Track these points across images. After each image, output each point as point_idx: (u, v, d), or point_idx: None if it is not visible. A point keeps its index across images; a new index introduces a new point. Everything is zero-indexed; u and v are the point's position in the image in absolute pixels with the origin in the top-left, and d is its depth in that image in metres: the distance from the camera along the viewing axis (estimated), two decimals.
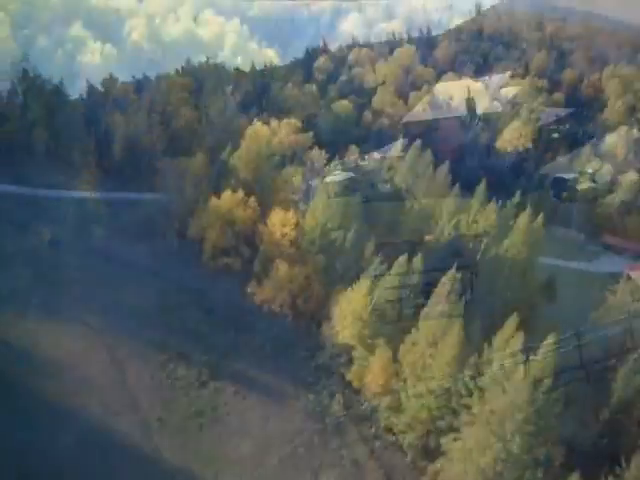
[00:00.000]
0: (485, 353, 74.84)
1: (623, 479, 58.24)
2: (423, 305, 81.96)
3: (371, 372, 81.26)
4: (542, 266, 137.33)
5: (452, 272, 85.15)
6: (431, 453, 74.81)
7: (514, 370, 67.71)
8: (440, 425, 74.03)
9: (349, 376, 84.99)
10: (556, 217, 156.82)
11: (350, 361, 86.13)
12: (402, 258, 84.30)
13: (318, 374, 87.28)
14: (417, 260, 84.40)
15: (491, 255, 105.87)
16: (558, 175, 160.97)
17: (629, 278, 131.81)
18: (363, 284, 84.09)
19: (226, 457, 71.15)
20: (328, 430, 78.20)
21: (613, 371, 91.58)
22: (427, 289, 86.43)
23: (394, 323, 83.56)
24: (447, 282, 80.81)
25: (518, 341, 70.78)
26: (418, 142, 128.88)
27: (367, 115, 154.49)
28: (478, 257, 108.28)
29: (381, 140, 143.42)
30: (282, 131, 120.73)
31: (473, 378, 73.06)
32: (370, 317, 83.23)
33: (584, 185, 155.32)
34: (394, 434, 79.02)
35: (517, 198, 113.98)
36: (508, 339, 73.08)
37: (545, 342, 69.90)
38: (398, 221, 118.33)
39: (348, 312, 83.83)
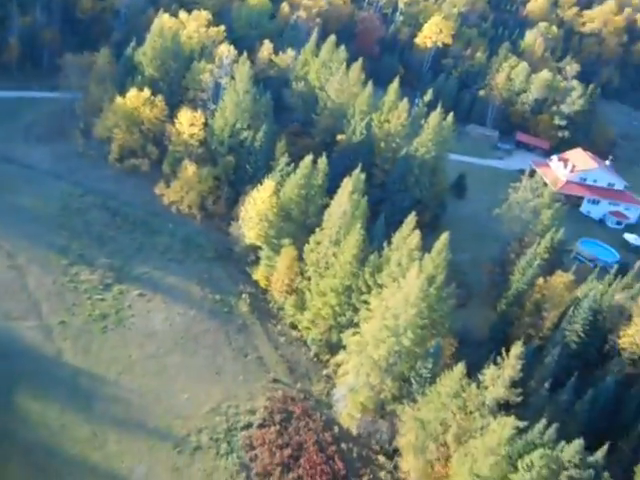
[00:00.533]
0: (385, 251, 76.02)
1: (503, 367, 61.40)
2: (328, 205, 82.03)
3: (277, 272, 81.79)
4: (455, 164, 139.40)
5: (357, 172, 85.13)
6: (333, 347, 76.96)
7: (410, 267, 69.14)
8: (341, 321, 75.83)
9: (256, 276, 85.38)
10: (472, 115, 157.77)
11: (257, 261, 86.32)
12: (307, 158, 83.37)
13: (225, 275, 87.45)
14: (322, 161, 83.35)
15: (402, 154, 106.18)
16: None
17: (532, 175, 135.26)
18: (268, 185, 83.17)
19: (129, 358, 71.44)
20: (234, 329, 79.12)
21: (513, 265, 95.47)
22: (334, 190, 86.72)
23: (299, 223, 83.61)
24: (351, 182, 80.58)
25: (415, 239, 71.88)
26: (333, 37, 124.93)
27: (284, 7, 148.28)
28: (389, 156, 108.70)
29: (297, 35, 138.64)
30: (191, 24, 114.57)
31: (372, 275, 74.46)
32: (275, 218, 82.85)
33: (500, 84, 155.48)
34: (299, 331, 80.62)
35: (429, 96, 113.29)
36: (406, 237, 74.12)
37: (440, 240, 71.41)
38: (311, 121, 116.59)
39: (254, 213, 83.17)
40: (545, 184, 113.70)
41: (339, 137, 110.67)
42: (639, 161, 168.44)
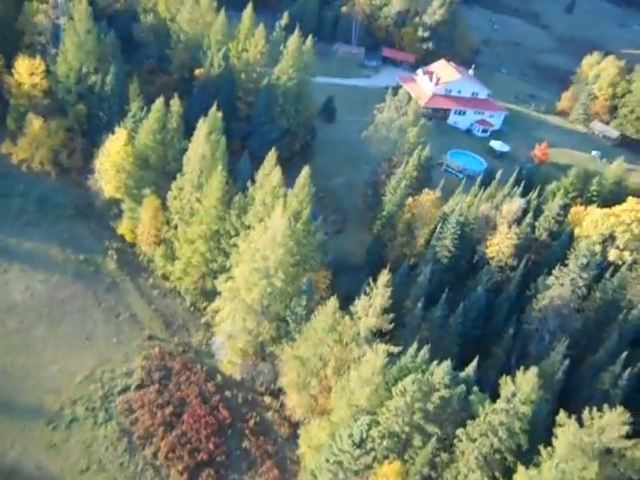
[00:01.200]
0: (250, 191, 73.30)
1: (373, 296, 61.26)
2: (187, 149, 77.69)
3: (142, 223, 77.65)
4: (323, 86, 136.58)
5: (213, 110, 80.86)
6: (209, 294, 74.62)
7: (274, 206, 66.98)
8: (213, 267, 73.35)
9: (121, 230, 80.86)
10: (337, 34, 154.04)
11: (120, 215, 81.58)
12: (159, 101, 78.12)
13: (88, 232, 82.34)
14: (175, 102, 78.30)
15: (264, 84, 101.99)
16: None
17: (395, 92, 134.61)
18: (120, 134, 77.62)
19: None
20: (102, 289, 75.05)
21: (384, 186, 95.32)
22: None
23: (159, 170, 79.10)
24: (206, 123, 76.39)
25: (276, 176, 69.44)
26: None
27: None
28: (251, 87, 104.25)
29: None
30: None
31: (239, 217, 71.86)
32: (133, 167, 77.89)
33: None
34: (172, 282, 77.54)
35: (285, 19, 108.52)
36: (268, 174, 71.51)
37: (301, 175, 69.31)
38: (166, 56, 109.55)
39: (109, 165, 77.76)
40: (411, 100, 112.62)
41: (197, 71, 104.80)
42: (500, 67, 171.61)
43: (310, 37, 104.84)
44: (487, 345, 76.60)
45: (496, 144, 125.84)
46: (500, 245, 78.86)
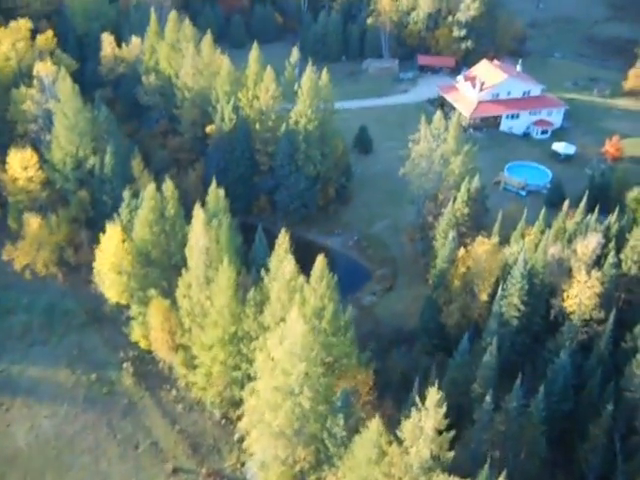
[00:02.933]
0: (265, 281, 60.94)
1: (423, 417, 47.38)
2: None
3: (153, 328, 66.62)
4: (355, 113, 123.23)
5: (212, 189, 69.21)
6: (240, 404, 62.59)
7: (291, 303, 54.50)
8: (237, 376, 61.37)
9: (134, 337, 70.11)
10: (366, 50, 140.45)
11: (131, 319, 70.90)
12: (150, 187, 66.85)
13: (101, 342, 72.13)
14: (169, 186, 66.86)
15: (282, 132, 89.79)
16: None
17: (442, 106, 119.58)
18: (113, 231, 66.82)
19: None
20: (118, 414, 64.44)
21: (433, 228, 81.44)
22: None
23: (164, 265, 67.92)
24: (209, 203, 64.82)
25: (289, 267, 56.76)
26: (174, 13, 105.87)
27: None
28: (269, 136, 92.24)
29: (144, 17, 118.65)
30: (6, 40, 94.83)
31: (256, 317, 59.62)
32: (134, 266, 67.04)
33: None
34: (196, 392, 66.09)
35: (295, 55, 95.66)
36: (282, 260, 58.94)
37: (316, 265, 56.30)
38: (173, 116, 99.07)
39: (107, 267, 67.19)
40: (449, 122, 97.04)
41: (209, 128, 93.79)
42: (552, 50, 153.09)
43: (325, 71, 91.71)
44: (581, 422, 61.48)
45: (560, 146, 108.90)
46: (580, 296, 63.39)
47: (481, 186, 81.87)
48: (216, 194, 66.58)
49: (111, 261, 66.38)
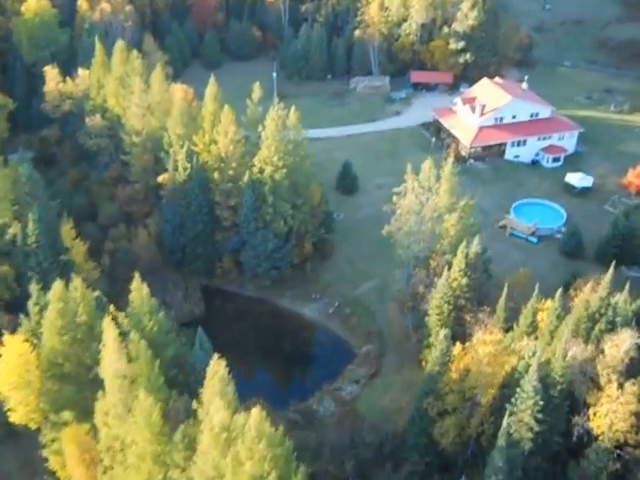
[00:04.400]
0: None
1: None
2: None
3: (69, 460, 52.11)
4: (339, 143, 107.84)
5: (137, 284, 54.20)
6: None
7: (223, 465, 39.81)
8: None
9: (52, 465, 55.52)
10: (353, 66, 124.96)
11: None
12: (57, 285, 51.87)
13: (16, 465, 57.71)
14: (77, 284, 51.93)
15: (246, 181, 74.84)
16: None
17: (438, 131, 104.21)
18: (12, 343, 52.17)
19: None
20: None
21: (424, 300, 66.29)
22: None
23: (81, 380, 53.26)
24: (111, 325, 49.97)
25: (220, 415, 41.78)
26: (121, 43, 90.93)
27: (82, 5, 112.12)
28: (229, 187, 77.28)
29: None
30: None
31: (188, 459, 44.96)
32: (43, 381, 52.50)
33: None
34: None
35: (257, 91, 79.97)
36: (215, 396, 44.00)
37: (254, 420, 41.23)
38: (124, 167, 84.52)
39: (7, 385, 52.65)
40: (444, 143, 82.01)
41: (161, 177, 79.13)
42: (562, 58, 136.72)
43: (294, 109, 76.46)
44: None
45: (575, 178, 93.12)
46: (611, 415, 48.24)
47: (482, 248, 66.59)
48: (140, 292, 51.56)
49: (11, 380, 51.71)
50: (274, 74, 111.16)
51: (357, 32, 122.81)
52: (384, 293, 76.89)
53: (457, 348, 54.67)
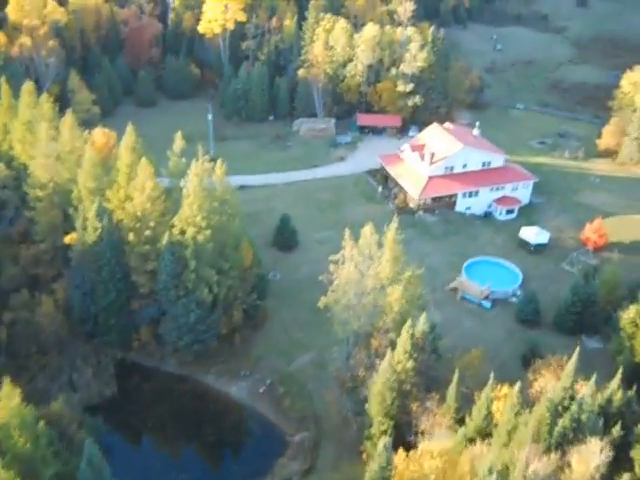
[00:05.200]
0: None
1: None
2: None
3: None
4: (278, 191, 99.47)
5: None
6: None
7: None
8: None
9: None
10: (297, 107, 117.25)
11: None
12: None
13: None
14: None
15: (164, 244, 65.45)
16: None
17: (386, 179, 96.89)
18: None
19: None
20: None
21: (365, 384, 57.45)
22: None
23: None
24: None
25: None
26: (29, 84, 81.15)
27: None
28: (147, 250, 67.73)
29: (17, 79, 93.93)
30: None
31: None
32: None
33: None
34: None
35: (180, 141, 70.42)
36: None
37: None
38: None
39: None
40: (391, 192, 74.30)
41: (68, 237, 69.25)
42: (514, 100, 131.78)
43: (220, 162, 67.62)
44: None
45: (530, 233, 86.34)
46: None
47: (432, 325, 58.45)
48: (11, 400, 41.41)
49: None
50: (209, 116, 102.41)
51: (301, 72, 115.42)
52: (322, 368, 67.76)
53: (400, 457, 45.98)
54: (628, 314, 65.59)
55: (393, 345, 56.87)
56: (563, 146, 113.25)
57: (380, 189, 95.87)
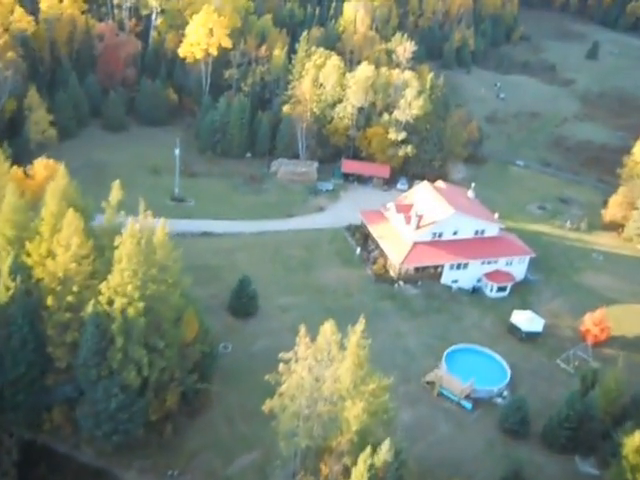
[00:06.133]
0: None
1: None
2: None
3: None
4: (245, 241, 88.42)
5: None
6: None
7: None
8: None
9: None
10: (278, 146, 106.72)
11: None
12: None
13: None
14: None
15: (89, 313, 54.15)
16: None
17: (366, 238, 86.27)
18: None
19: None
20: None
21: None
22: None
23: None
24: None
25: None
26: None
27: None
28: (68, 319, 56.32)
29: None
30: None
31: None
32: None
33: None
34: None
35: (117, 194, 59.41)
36: None
37: None
38: None
39: None
40: (370, 254, 63.34)
41: None
42: (514, 156, 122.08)
43: (163, 221, 56.47)
44: None
45: (522, 319, 75.58)
46: None
47: (397, 450, 47.14)
48: None
49: None
50: (176, 151, 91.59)
51: (286, 108, 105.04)
52: (266, 478, 56.36)
53: None
54: (633, 441, 54.77)
55: (347, 473, 45.70)
56: (564, 214, 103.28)
57: (358, 250, 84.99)
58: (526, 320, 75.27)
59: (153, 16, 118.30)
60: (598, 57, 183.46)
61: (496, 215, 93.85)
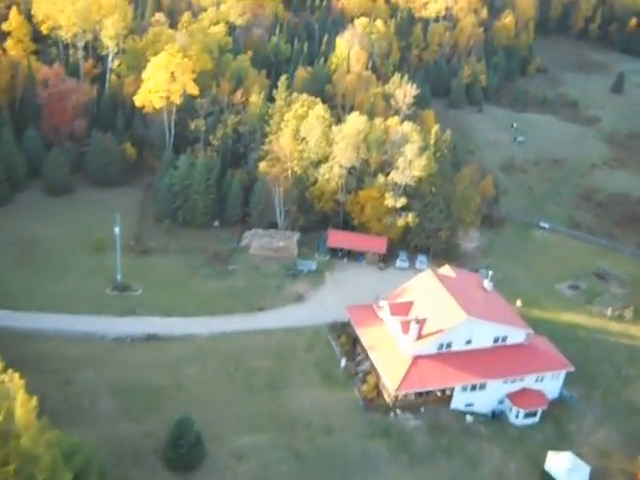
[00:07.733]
0: None
1: None
2: None
3: None
4: (194, 346, 68.55)
5: None
6: None
7: None
8: None
9: None
10: (252, 213, 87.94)
11: None
12: None
13: None
14: None
15: None
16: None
17: (353, 345, 66.80)
18: None
19: None
20: None
21: None
22: None
23: None
24: None
25: None
26: None
27: None
28: None
29: None
30: None
31: None
32: None
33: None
34: None
35: None
36: None
37: None
38: None
39: None
40: (359, 365, 42.95)
41: None
42: (536, 215, 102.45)
43: (35, 400, 37.13)
44: None
45: (559, 466, 55.48)
46: None
47: None
48: None
49: None
50: (116, 229, 72.80)
51: (262, 165, 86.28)
52: None
53: None
54: None
55: None
56: (603, 294, 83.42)
57: (343, 362, 65.30)
58: (566, 470, 55.15)
59: (110, 57, 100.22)
60: (624, 90, 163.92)
61: (518, 303, 75.38)
